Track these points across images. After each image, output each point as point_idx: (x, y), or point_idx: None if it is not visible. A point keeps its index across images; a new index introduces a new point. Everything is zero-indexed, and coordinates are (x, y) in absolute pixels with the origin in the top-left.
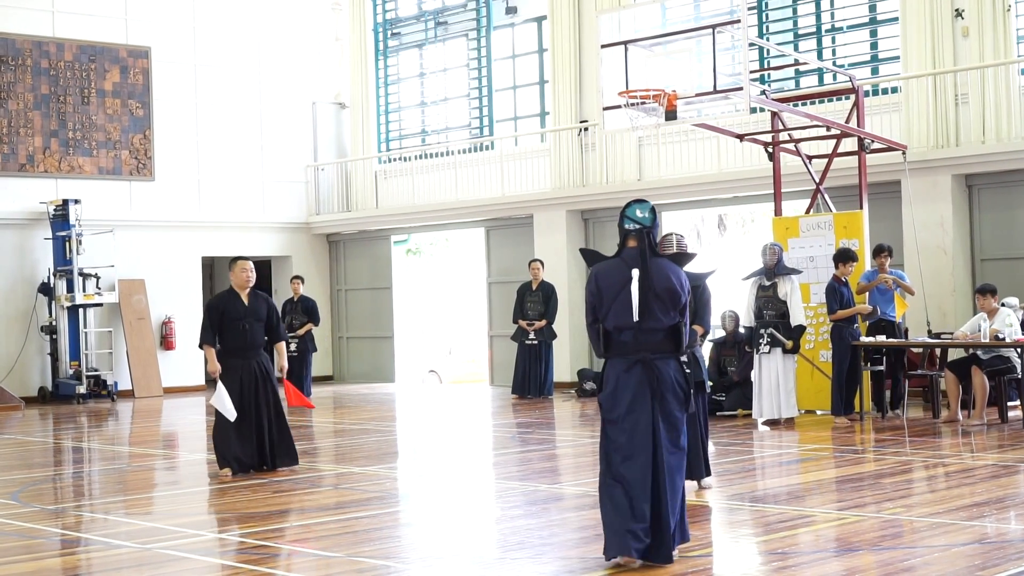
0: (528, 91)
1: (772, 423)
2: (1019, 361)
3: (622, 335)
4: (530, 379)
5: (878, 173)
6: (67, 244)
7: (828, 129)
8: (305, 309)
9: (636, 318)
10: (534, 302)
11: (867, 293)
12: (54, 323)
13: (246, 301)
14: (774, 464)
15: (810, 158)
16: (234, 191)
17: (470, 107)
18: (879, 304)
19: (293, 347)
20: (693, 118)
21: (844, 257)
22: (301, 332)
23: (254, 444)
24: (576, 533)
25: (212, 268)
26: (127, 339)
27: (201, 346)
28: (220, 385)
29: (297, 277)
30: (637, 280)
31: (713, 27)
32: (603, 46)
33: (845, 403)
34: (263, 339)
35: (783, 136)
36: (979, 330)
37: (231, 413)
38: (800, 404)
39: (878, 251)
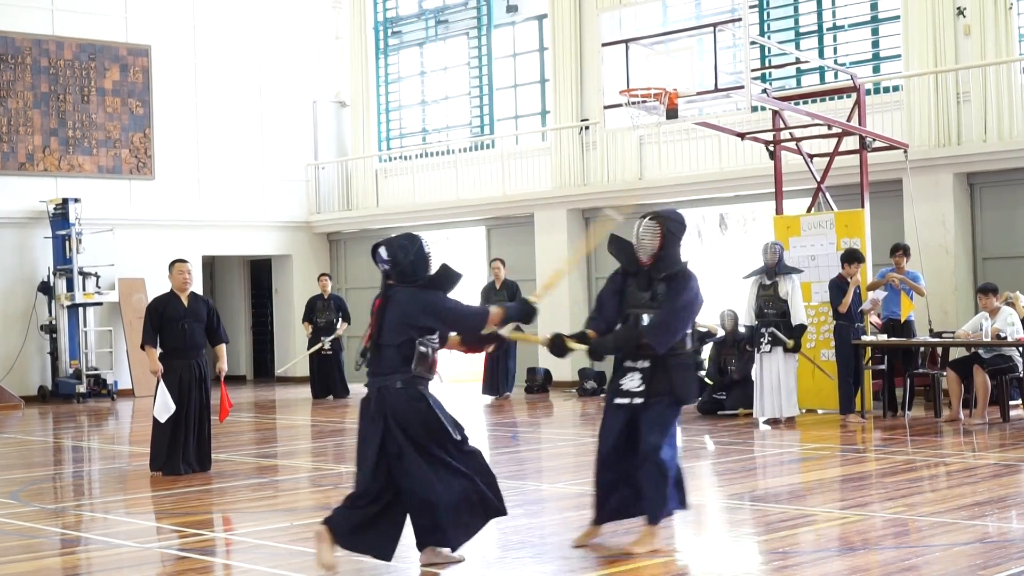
0: (529, 90)
1: (773, 422)
2: (1021, 360)
3: None
4: (498, 377)
5: (879, 172)
6: (67, 243)
7: (829, 128)
8: (339, 307)
9: None
10: (499, 301)
11: (874, 291)
12: (54, 322)
13: (185, 302)
14: (775, 463)
15: (811, 157)
16: (234, 190)
17: (471, 106)
18: (888, 303)
19: (328, 346)
20: (694, 117)
21: (849, 257)
22: (341, 332)
23: (182, 444)
24: (577, 532)
25: (212, 267)
26: (127, 338)
27: (143, 347)
28: (162, 385)
29: (325, 274)
30: None
31: (714, 25)
32: (604, 44)
33: (850, 402)
34: (203, 340)
35: (784, 135)
36: (981, 329)
37: (171, 409)
38: (801, 403)
39: (894, 250)
